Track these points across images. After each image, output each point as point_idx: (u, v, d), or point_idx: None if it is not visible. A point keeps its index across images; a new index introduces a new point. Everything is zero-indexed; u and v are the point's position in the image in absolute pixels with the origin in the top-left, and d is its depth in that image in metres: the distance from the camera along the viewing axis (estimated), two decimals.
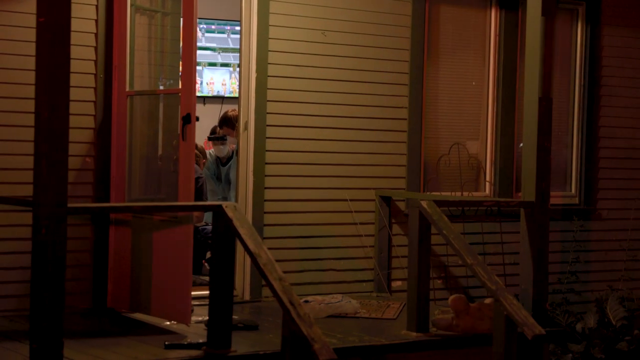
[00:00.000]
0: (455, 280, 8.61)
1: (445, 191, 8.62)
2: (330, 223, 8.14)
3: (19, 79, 6.89)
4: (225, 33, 11.60)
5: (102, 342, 6.14)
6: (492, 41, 8.89)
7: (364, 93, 8.27)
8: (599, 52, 9.38)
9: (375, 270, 8.30)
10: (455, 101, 8.83)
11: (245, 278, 7.79)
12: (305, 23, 8.01)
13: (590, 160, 9.35)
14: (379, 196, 8.30)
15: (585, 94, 9.35)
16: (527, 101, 7.30)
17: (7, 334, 6.30)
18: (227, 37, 11.59)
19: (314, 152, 8.07)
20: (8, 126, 6.92)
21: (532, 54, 7.24)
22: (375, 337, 6.59)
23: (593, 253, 9.32)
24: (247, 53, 7.81)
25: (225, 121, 9.36)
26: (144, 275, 6.92)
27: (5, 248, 6.90)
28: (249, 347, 6.10)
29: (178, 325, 6.64)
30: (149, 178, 7.37)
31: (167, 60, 7.34)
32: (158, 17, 7.37)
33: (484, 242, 8.61)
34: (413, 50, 8.46)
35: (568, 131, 9.38)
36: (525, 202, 7.22)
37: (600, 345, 8.19)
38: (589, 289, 9.11)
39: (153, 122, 7.40)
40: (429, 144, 8.65)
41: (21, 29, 6.89)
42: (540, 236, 7.20)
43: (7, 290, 6.91)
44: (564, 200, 9.26)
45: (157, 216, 6.80)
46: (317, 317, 6.99)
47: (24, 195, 6.57)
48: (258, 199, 7.82)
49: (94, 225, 7.18)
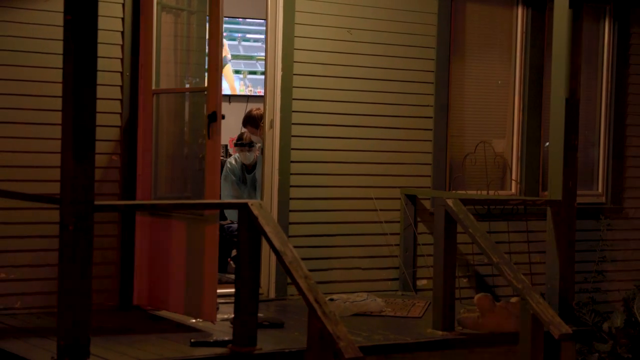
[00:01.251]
0: (481, 279, 8.59)
1: (471, 190, 8.60)
2: (356, 221, 8.14)
3: (47, 77, 6.92)
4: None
5: (129, 340, 6.16)
6: (518, 39, 8.86)
7: (389, 91, 8.26)
8: (627, 51, 9.33)
9: (401, 268, 8.28)
10: (481, 99, 8.80)
11: (271, 276, 7.80)
12: (331, 21, 8.01)
13: (617, 159, 9.30)
14: (405, 194, 8.29)
15: (612, 92, 9.30)
16: (554, 100, 7.27)
17: (35, 331, 6.33)
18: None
19: (340, 150, 8.07)
20: (35, 124, 6.95)
21: (559, 53, 7.21)
22: (400, 335, 6.58)
23: (620, 252, 9.28)
24: (273, 51, 7.81)
25: (249, 120, 9.32)
26: (169, 272, 6.94)
27: (32, 245, 6.94)
28: (274, 345, 6.11)
29: (204, 323, 6.66)
30: (175, 176, 7.39)
31: (193, 58, 7.35)
32: (184, 16, 7.38)
33: (510, 241, 8.59)
34: (439, 48, 8.44)
35: (595, 129, 9.34)
36: (552, 201, 7.19)
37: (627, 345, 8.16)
38: (616, 288, 9.07)
39: (179, 120, 7.42)
40: (454, 143, 8.63)
41: (48, 27, 6.92)
42: (567, 235, 7.17)
43: (34, 288, 6.94)
44: (590, 199, 9.22)
45: (183, 214, 6.81)
46: (342, 315, 6.99)
47: (51, 193, 6.60)
48: (283, 197, 7.82)
49: (120, 223, 7.21)
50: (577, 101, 7.23)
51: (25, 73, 6.92)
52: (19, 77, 6.91)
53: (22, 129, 6.93)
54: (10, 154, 6.89)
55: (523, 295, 6.23)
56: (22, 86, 6.92)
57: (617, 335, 8.25)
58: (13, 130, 6.90)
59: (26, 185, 6.84)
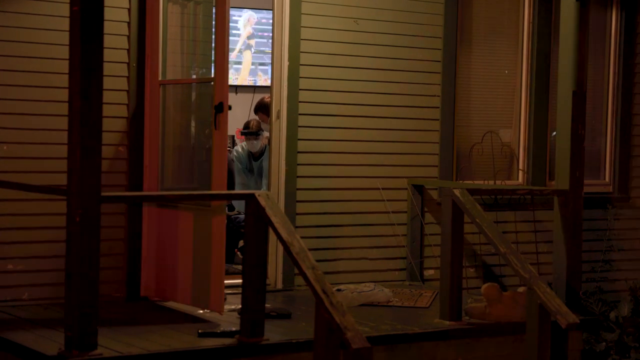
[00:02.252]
0: (488, 269, 8.58)
1: (478, 180, 8.59)
2: (363, 212, 8.14)
3: (54, 68, 6.92)
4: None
5: (136, 330, 6.17)
6: (525, 29, 8.83)
7: (396, 81, 8.25)
8: (633, 40, 9.30)
9: (408, 258, 8.28)
10: (488, 89, 8.78)
11: (278, 267, 7.80)
12: (338, 11, 7.99)
13: (624, 149, 9.28)
14: (411, 185, 8.28)
15: (619, 81, 9.28)
16: (561, 91, 7.26)
17: (43, 322, 6.35)
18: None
19: (347, 140, 8.06)
20: (42, 115, 6.95)
21: (566, 42, 7.20)
22: (408, 325, 6.58)
23: (627, 241, 9.26)
24: (279, 42, 7.80)
25: (262, 107, 9.36)
26: (177, 263, 6.94)
27: (40, 237, 6.94)
28: (281, 336, 6.12)
29: (211, 313, 6.67)
30: (181, 167, 7.39)
31: (199, 49, 7.35)
32: (190, 6, 7.38)
33: (517, 231, 8.58)
34: (445, 38, 8.42)
35: (602, 119, 9.32)
36: (559, 191, 7.19)
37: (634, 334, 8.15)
38: (623, 278, 9.06)
39: (185, 111, 7.41)
40: (461, 133, 8.61)
41: (54, 18, 6.92)
42: (574, 225, 7.16)
43: (42, 279, 6.95)
44: (597, 189, 9.21)
45: (191, 205, 6.81)
46: (349, 305, 6.99)
47: (58, 184, 6.60)
48: (290, 188, 7.82)
49: (127, 214, 7.21)
50: (584, 92, 7.22)
51: (32, 64, 6.92)
52: (26, 68, 6.91)
53: (29, 120, 6.93)
54: (17, 145, 6.90)
55: (530, 284, 6.23)
56: (28, 77, 6.92)
57: (624, 324, 8.25)
58: (20, 121, 6.90)
59: (33, 176, 6.85)
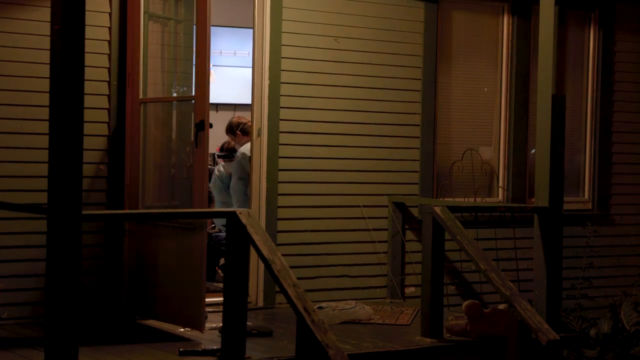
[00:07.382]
0: (469, 286, 8.60)
1: (459, 197, 8.61)
2: (344, 229, 8.15)
3: (34, 87, 6.92)
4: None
5: (117, 349, 6.15)
6: (504, 47, 8.88)
7: (376, 99, 8.28)
8: (612, 57, 9.37)
9: (389, 276, 8.29)
10: (468, 107, 8.83)
11: (259, 284, 7.80)
12: (318, 30, 8.02)
13: (603, 166, 9.33)
14: (392, 202, 8.30)
15: (598, 99, 9.33)
16: (540, 106, 7.30)
17: (22, 341, 6.32)
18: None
19: (327, 158, 8.08)
20: (22, 134, 6.94)
21: (545, 56, 7.23)
22: (389, 343, 6.59)
23: (607, 258, 9.30)
24: (260, 59, 7.82)
25: (229, 129, 9.48)
26: (157, 282, 6.93)
27: (20, 255, 6.92)
28: (263, 354, 6.11)
29: (192, 332, 6.65)
30: (162, 185, 7.39)
31: (180, 67, 7.36)
32: (171, 25, 7.39)
33: (497, 248, 8.60)
34: (425, 56, 8.47)
35: (581, 136, 9.37)
36: (539, 208, 7.22)
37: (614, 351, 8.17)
38: (603, 295, 9.08)
39: (166, 129, 7.41)
40: (441, 150, 8.64)
41: (36, 37, 6.91)
42: (554, 242, 7.19)
43: (21, 298, 6.93)
44: (577, 206, 9.25)
45: (171, 223, 6.81)
46: (331, 323, 6.99)
47: (38, 202, 6.59)
48: (271, 206, 7.83)
49: (107, 232, 7.20)
50: (564, 109, 7.26)
51: (13, 83, 6.92)
52: (7, 87, 6.90)
53: (10, 138, 6.92)
54: None
55: (511, 302, 6.25)
56: (9, 96, 6.91)
57: (604, 341, 8.26)
58: (0, 139, 6.89)
59: (13, 195, 6.82)
